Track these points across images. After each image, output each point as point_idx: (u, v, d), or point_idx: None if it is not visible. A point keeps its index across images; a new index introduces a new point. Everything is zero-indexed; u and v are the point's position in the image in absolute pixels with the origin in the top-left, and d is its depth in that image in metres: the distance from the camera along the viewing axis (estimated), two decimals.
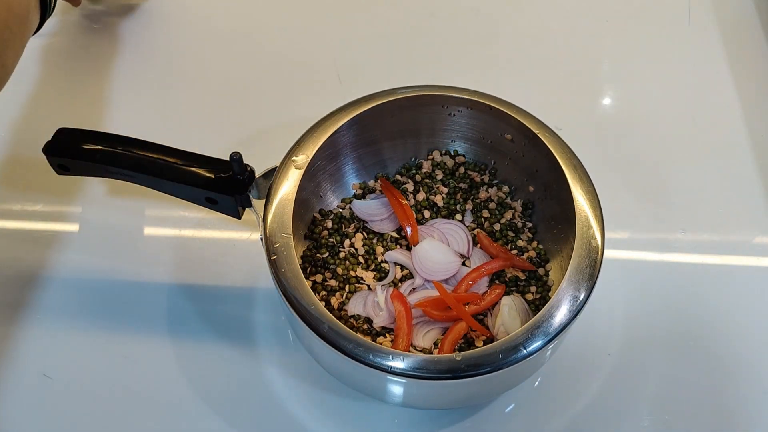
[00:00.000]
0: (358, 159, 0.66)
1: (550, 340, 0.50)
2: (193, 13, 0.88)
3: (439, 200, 0.66)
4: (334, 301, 0.61)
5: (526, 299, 0.60)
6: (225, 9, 0.88)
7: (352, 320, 0.60)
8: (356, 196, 0.67)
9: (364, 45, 0.85)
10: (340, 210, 0.66)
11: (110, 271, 0.68)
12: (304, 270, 0.59)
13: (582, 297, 0.52)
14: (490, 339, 0.58)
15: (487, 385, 0.54)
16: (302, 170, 0.58)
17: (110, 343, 0.64)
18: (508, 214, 0.65)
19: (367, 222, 0.66)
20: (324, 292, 0.61)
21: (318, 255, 0.63)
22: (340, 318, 0.59)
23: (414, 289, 0.62)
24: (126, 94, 0.80)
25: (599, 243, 0.54)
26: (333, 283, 0.62)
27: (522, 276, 0.62)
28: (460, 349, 0.58)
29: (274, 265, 0.54)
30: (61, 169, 0.60)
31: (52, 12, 0.62)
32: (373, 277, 0.63)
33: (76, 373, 0.62)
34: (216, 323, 0.65)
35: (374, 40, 0.85)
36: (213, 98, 0.80)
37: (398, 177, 0.68)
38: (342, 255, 0.64)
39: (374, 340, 0.58)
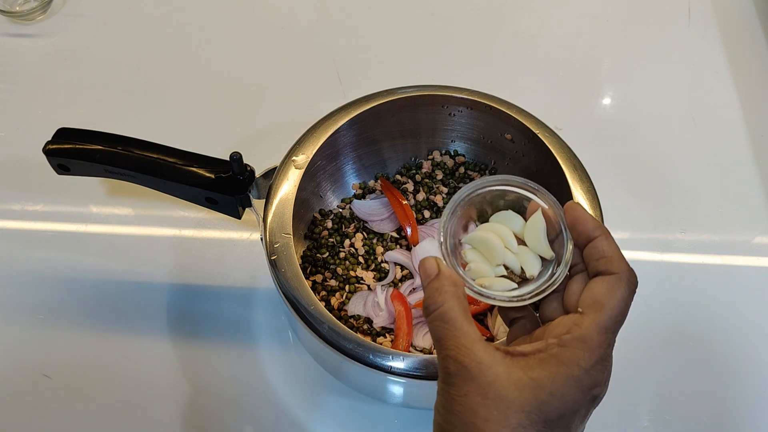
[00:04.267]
0: (358, 159, 0.66)
1: None
2: (192, 13, 0.88)
3: (439, 200, 0.66)
4: (334, 301, 0.61)
5: None
6: (225, 9, 0.88)
7: (352, 320, 0.60)
8: (356, 196, 0.67)
9: (364, 45, 0.85)
10: (340, 210, 0.66)
11: (110, 271, 0.68)
12: (304, 270, 0.59)
13: None
14: (491, 339, 0.58)
15: None
16: (302, 170, 0.58)
17: (110, 343, 0.64)
18: None
19: (367, 222, 0.66)
20: (324, 292, 0.61)
21: (318, 255, 0.63)
22: (340, 318, 0.59)
23: (414, 289, 0.62)
24: (126, 94, 0.80)
25: None
26: (333, 283, 0.62)
27: None
28: None
29: (274, 265, 0.54)
30: (61, 169, 0.60)
31: None
32: (373, 277, 0.63)
33: (76, 373, 0.62)
34: (216, 323, 0.65)
35: (374, 40, 0.85)
36: (213, 98, 0.80)
37: (398, 177, 0.68)
38: (342, 255, 0.64)
39: (374, 340, 0.58)
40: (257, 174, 0.58)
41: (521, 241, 0.41)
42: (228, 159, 0.56)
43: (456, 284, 0.38)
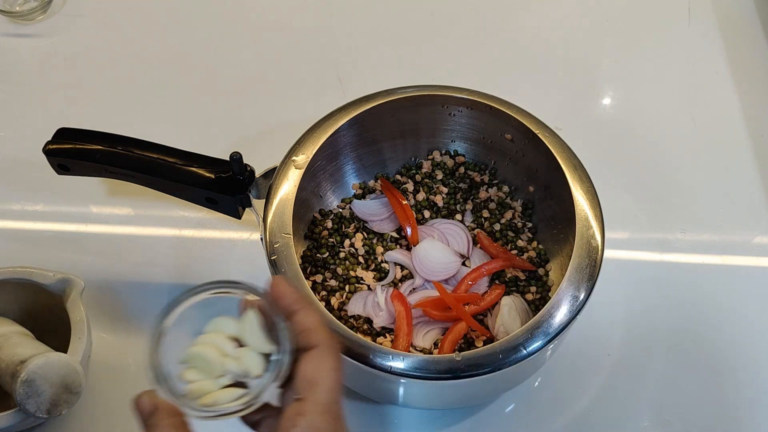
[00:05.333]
0: (358, 159, 0.66)
1: (550, 340, 0.50)
2: (193, 14, 0.88)
3: (439, 200, 0.66)
4: (334, 301, 0.61)
5: (526, 299, 0.60)
6: (224, 9, 0.88)
7: (352, 320, 0.60)
8: (356, 196, 0.67)
9: (364, 45, 0.85)
10: (340, 210, 0.66)
11: (110, 271, 0.68)
12: (304, 270, 0.59)
13: (582, 297, 0.52)
14: (490, 339, 0.58)
15: (487, 385, 0.54)
16: (302, 170, 0.58)
17: (110, 344, 0.64)
18: (508, 214, 0.65)
19: (367, 222, 0.66)
20: (324, 292, 0.61)
21: (318, 255, 0.63)
22: (340, 318, 0.59)
23: (414, 289, 0.62)
24: (126, 94, 0.80)
25: (599, 243, 0.54)
26: (333, 283, 0.62)
27: (522, 276, 0.62)
28: (460, 349, 0.58)
29: (274, 265, 0.54)
30: (61, 169, 0.60)
31: None
32: (373, 277, 0.63)
33: None
34: None
35: (374, 40, 0.85)
36: (213, 98, 0.80)
37: (398, 177, 0.68)
38: (342, 255, 0.64)
39: (374, 340, 0.58)
40: (257, 174, 0.58)
41: (242, 343, 0.40)
42: (228, 159, 0.56)
43: (175, 414, 0.37)
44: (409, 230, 0.64)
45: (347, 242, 0.64)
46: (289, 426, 0.36)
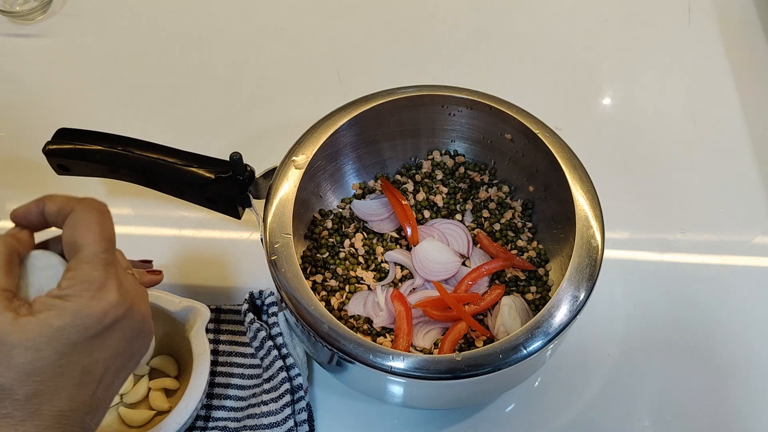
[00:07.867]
0: (358, 159, 0.66)
1: (550, 340, 0.50)
2: (193, 14, 0.88)
3: (439, 200, 0.66)
4: (334, 301, 0.61)
5: (526, 299, 0.60)
6: (225, 9, 0.88)
7: (352, 320, 0.60)
8: (356, 196, 0.67)
9: (364, 45, 0.85)
10: (340, 210, 0.66)
11: None
12: (304, 270, 0.59)
13: (582, 297, 0.52)
14: (490, 339, 0.58)
15: (487, 385, 0.54)
16: (302, 170, 0.58)
17: None
18: (508, 214, 0.65)
19: (367, 222, 0.66)
20: (324, 292, 0.61)
21: (318, 255, 0.63)
22: (340, 318, 0.59)
23: (414, 289, 0.62)
24: (126, 94, 0.80)
25: (599, 243, 0.54)
26: (333, 283, 0.62)
27: (522, 276, 0.62)
28: (460, 349, 0.58)
29: (274, 265, 0.54)
30: (61, 169, 0.61)
31: None
32: (373, 277, 0.63)
33: None
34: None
35: (374, 40, 0.85)
36: (213, 98, 0.80)
37: (398, 177, 0.68)
38: (342, 255, 0.64)
39: (374, 340, 0.58)
40: (257, 174, 0.58)
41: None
42: (228, 159, 0.56)
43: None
44: (409, 230, 0.64)
45: (347, 242, 0.64)
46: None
